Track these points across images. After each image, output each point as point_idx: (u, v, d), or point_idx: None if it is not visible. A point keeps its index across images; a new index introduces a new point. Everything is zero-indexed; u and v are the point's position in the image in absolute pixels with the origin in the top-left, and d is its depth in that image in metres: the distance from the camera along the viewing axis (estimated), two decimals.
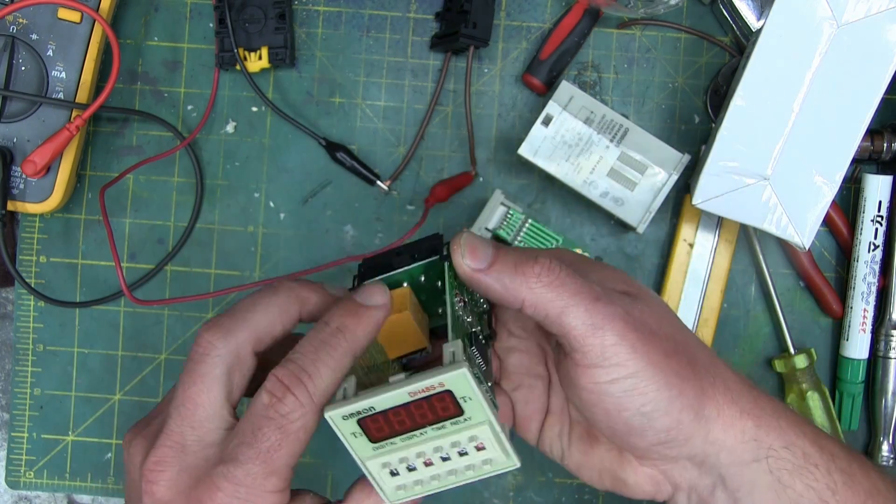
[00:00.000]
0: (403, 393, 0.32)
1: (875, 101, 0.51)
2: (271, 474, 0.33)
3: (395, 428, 0.33)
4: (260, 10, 0.57)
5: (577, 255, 0.39)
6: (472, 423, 0.33)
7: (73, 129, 0.53)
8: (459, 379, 0.32)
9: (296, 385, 0.33)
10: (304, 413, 0.33)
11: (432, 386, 0.32)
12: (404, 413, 0.32)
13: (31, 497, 0.61)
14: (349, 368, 0.34)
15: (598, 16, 0.57)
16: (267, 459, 0.33)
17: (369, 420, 0.33)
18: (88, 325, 0.59)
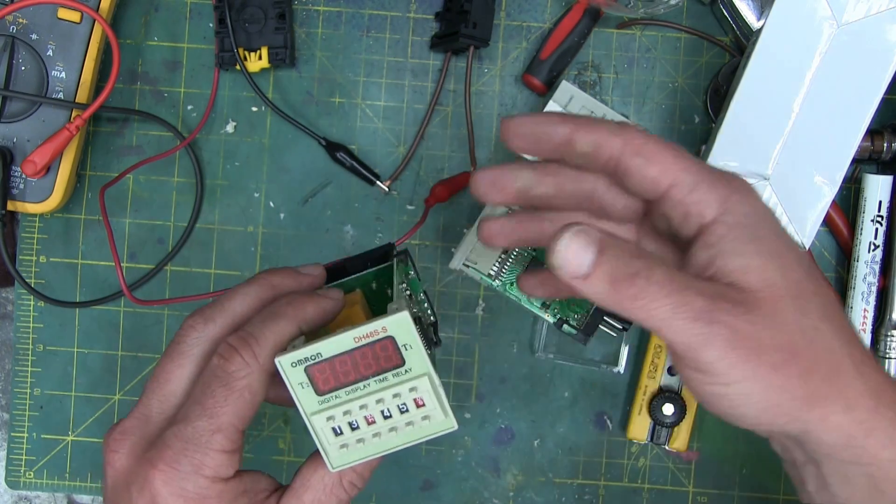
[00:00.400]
0: (348, 338, 0.34)
1: (875, 101, 0.51)
2: (217, 431, 0.35)
3: (339, 379, 0.34)
4: (260, 10, 0.57)
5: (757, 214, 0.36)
6: (412, 375, 0.35)
7: (73, 129, 0.53)
8: (402, 323, 0.34)
9: (242, 346, 0.35)
10: (250, 372, 0.35)
11: (376, 331, 0.34)
12: (349, 362, 0.34)
13: (31, 497, 0.61)
14: (294, 336, 0.37)
15: (598, 16, 0.57)
16: (213, 415, 0.35)
17: (316, 369, 0.34)
18: (88, 325, 0.59)
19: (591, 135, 0.36)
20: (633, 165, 0.36)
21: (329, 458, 0.36)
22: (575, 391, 0.59)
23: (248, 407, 0.35)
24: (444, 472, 0.59)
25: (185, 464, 0.35)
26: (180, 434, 0.35)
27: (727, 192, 0.35)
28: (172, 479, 0.35)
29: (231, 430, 0.35)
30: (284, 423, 0.59)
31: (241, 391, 0.35)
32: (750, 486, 0.59)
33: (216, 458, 0.35)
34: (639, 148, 0.35)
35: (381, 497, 0.59)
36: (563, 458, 0.59)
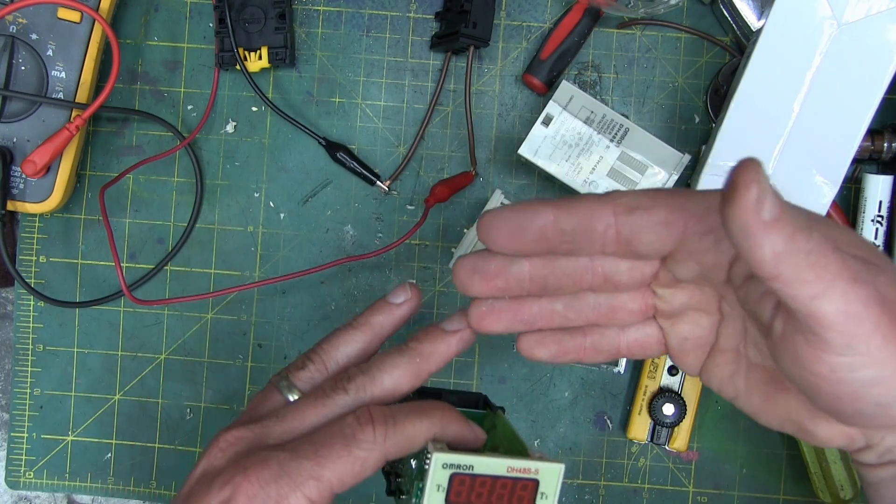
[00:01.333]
0: (503, 465, 0.34)
1: (875, 101, 0.51)
2: (315, 479, 0.34)
3: (472, 498, 0.35)
4: (260, 10, 0.57)
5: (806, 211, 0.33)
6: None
7: (73, 129, 0.53)
8: (553, 473, 0.35)
9: (380, 424, 0.35)
10: (373, 449, 0.35)
11: (528, 469, 0.34)
12: (488, 487, 0.34)
13: (31, 497, 0.61)
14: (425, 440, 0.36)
15: (598, 16, 0.57)
16: (320, 463, 0.34)
17: (458, 479, 0.34)
18: (88, 325, 0.59)
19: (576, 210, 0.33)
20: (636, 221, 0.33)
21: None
22: (575, 391, 0.59)
23: (351, 476, 0.35)
24: None
25: (273, 491, 0.34)
26: (283, 462, 0.35)
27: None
28: (254, 496, 0.34)
29: (326, 485, 0.35)
30: None
31: (356, 461, 0.35)
32: (750, 486, 0.59)
33: (300, 500, 0.34)
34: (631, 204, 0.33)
35: (382, 497, 0.59)
36: (563, 458, 0.59)
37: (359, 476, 0.35)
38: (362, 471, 0.35)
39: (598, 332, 0.38)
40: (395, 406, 0.37)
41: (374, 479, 0.61)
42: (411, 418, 0.36)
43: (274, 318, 0.59)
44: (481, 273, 0.36)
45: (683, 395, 0.57)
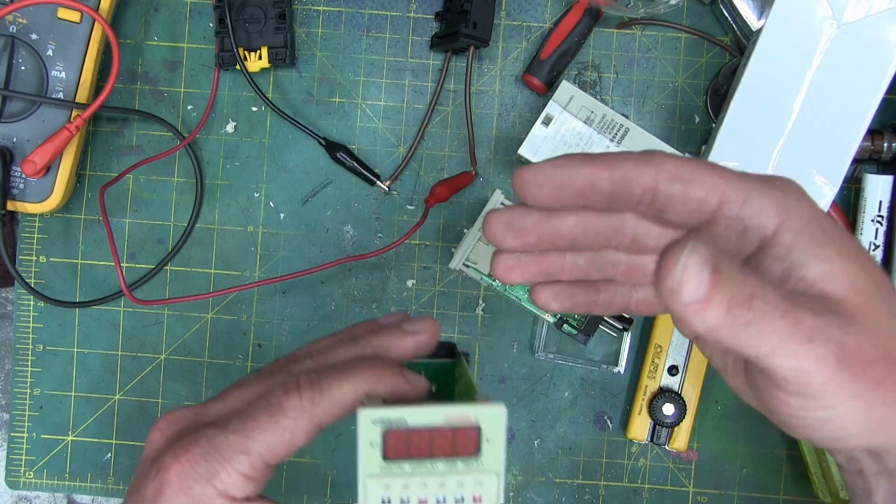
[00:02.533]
0: (438, 414, 0.33)
1: (875, 101, 0.51)
2: (244, 453, 0.34)
3: (411, 451, 0.33)
4: (260, 9, 0.57)
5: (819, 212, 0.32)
6: (482, 469, 0.33)
7: (73, 129, 0.53)
8: (495, 416, 0.33)
9: (306, 389, 0.35)
10: (300, 416, 0.35)
11: (467, 416, 0.33)
12: (427, 438, 0.33)
13: (31, 497, 0.61)
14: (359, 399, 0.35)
15: (598, 16, 0.57)
16: (247, 436, 0.35)
17: (393, 434, 0.33)
18: (88, 325, 0.59)
19: (617, 171, 0.32)
20: (674, 192, 0.32)
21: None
22: (575, 391, 0.59)
23: (282, 445, 0.35)
24: None
25: (203, 469, 0.35)
26: (212, 438, 0.35)
27: (782, 196, 0.32)
28: (185, 476, 0.35)
29: (257, 458, 0.35)
30: None
31: (284, 430, 0.35)
32: (750, 486, 0.59)
33: (232, 475, 0.35)
34: (674, 173, 0.32)
35: None
36: (563, 458, 0.59)
37: (290, 445, 0.35)
38: (293, 440, 0.35)
39: (612, 288, 0.38)
40: (326, 368, 0.36)
41: None
42: (338, 380, 0.35)
43: (274, 318, 0.59)
44: (516, 229, 0.36)
45: (683, 395, 0.57)
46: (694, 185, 0.32)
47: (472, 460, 0.33)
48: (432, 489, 0.33)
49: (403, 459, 0.33)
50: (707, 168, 0.32)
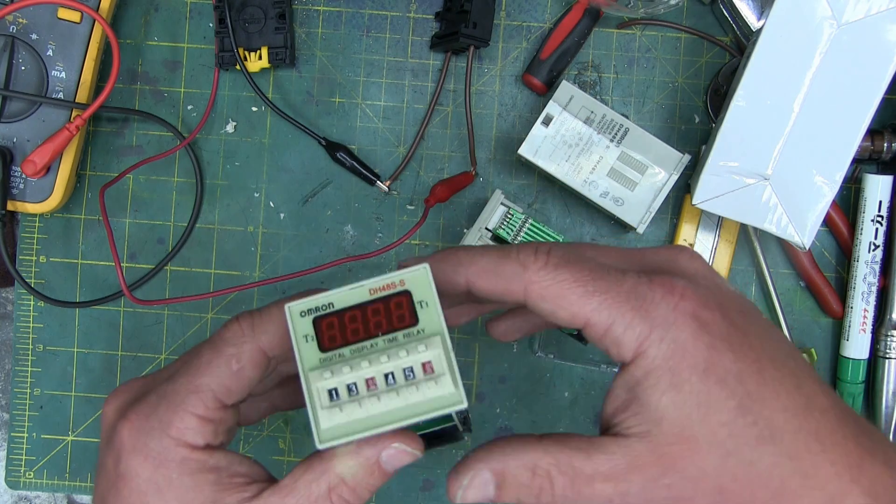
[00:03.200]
0: (364, 289, 0.32)
1: (875, 101, 0.51)
2: (193, 392, 0.33)
3: (347, 337, 0.32)
4: (260, 10, 0.57)
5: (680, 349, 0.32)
6: (424, 335, 0.32)
7: (73, 129, 0.53)
8: (421, 277, 0.32)
9: (244, 318, 0.34)
10: (243, 342, 0.34)
11: (392, 283, 0.32)
12: (360, 318, 0.32)
13: (31, 497, 0.61)
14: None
15: (598, 16, 0.57)
16: (194, 375, 0.33)
17: (325, 322, 0.32)
18: (88, 325, 0.59)
19: (489, 284, 0.34)
20: (544, 310, 0.34)
21: (318, 425, 0.32)
22: (575, 391, 0.59)
23: (232, 378, 0.34)
24: (445, 472, 0.59)
25: (154, 420, 0.33)
26: (160, 391, 0.34)
27: (645, 330, 0.32)
28: (138, 433, 0.33)
29: (208, 394, 0.33)
30: (284, 423, 0.59)
31: (228, 358, 0.34)
32: None
33: (186, 419, 0.33)
34: (542, 292, 0.33)
35: (381, 497, 0.59)
36: None
37: (241, 377, 0.34)
38: (241, 370, 0.34)
39: None
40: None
41: None
42: (275, 304, 0.35)
43: None
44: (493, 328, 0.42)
45: None
46: (560, 309, 0.33)
47: (411, 330, 0.32)
48: (377, 367, 0.32)
49: (341, 346, 0.32)
50: (578, 289, 0.32)
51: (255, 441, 0.59)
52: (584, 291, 0.33)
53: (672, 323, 0.32)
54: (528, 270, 0.33)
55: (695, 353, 0.32)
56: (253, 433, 0.59)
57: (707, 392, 0.32)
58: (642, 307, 0.32)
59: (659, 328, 0.32)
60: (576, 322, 0.33)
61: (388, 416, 0.32)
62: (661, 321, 0.32)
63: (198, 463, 0.33)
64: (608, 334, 0.32)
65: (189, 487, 0.33)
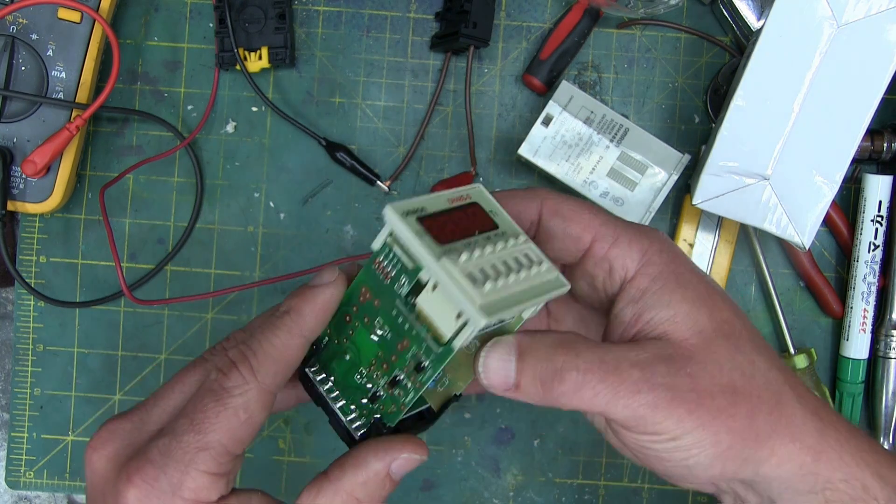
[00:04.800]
0: (443, 199, 0.34)
1: (875, 101, 0.51)
2: (203, 449, 0.31)
3: (450, 231, 0.32)
4: (260, 10, 0.57)
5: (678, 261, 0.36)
6: (510, 235, 0.33)
7: (73, 129, 0.53)
8: (480, 192, 0.35)
9: (241, 361, 0.33)
10: (247, 389, 0.32)
11: (462, 196, 0.34)
12: (451, 222, 0.33)
13: (31, 497, 0.61)
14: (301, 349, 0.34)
15: (598, 16, 0.57)
16: (201, 431, 0.31)
17: (428, 222, 0.32)
18: (88, 325, 0.59)
19: (507, 206, 0.37)
20: (555, 226, 0.36)
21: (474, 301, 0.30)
22: None
23: (242, 428, 0.32)
24: (444, 472, 0.59)
25: (164, 482, 0.31)
26: (164, 449, 0.32)
27: (647, 243, 0.35)
28: (147, 498, 0.31)
29: (219, 450, 0.32)
30: (284, 423, 0.59)
31: (236, 409, 0.32)
32: None
33: (198, 479, 0.31)
34: (555, 209, 0.36)
35: None
36: (563, 458, 0.59)
37: (250, 424, 0.32)
38: (249, 417, 0.32)
39: None
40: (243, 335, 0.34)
41: None
42: (268, 335, 0.33)
43: None
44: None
45: None
46: (572, 222, 0.36)
47: (496, 232, 0.33)
48: (497, 255, 0.32)
49: (453, 241, 0.32)
50: (587, 209, 0.36)
51: (255, 441, 0.59)
52: (593, 210, 0.36)
53: (666, 242, 0.36)
54: (539, 192, 0.37)
55: (689, 263, 0.36)
56: None
57: (708, 292, 0.35)
58: (640, 230, 0.36)
59: (657, 242, 0.36)
60: (583, 237, 0.36)
61: (522, 295, 0.32)
62: (657, 240, 0.36)
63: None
64: (614, 247, 0.35)
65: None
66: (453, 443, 0.59)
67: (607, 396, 0.32)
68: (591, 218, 0.36)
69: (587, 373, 0.32)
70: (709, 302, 0.35)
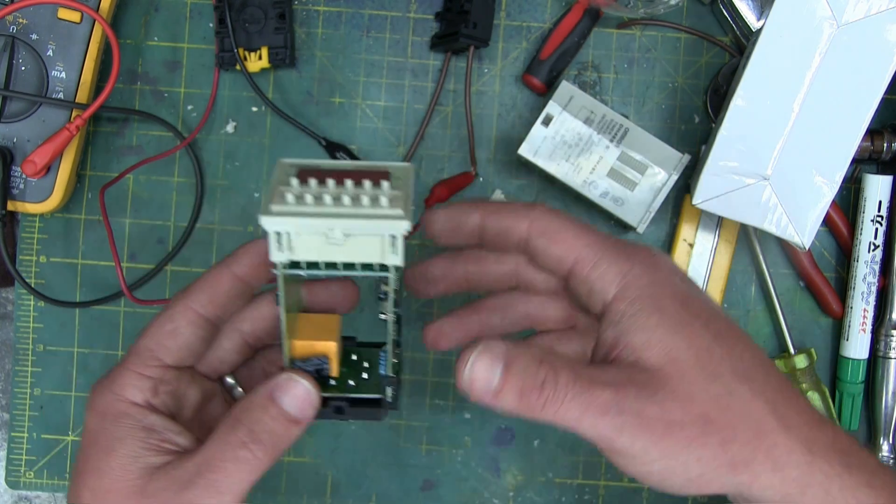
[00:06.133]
0: (350, 164, 0.37)
1: (875, 101, 0.51)
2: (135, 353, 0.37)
3: (325, 175, 0.35)
4: (260, 10, 0.57)
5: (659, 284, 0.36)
6: (390, 186, 0.34)
7: (73, 129, 0.53)
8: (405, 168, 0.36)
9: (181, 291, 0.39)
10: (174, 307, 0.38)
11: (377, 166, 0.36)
12: (340, 174, 0.35)
13: (31, 497, 0.61)
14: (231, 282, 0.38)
15: (598, 16, 0.57)
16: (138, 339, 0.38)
17: (306, 171, 0.35)
18: (88, 325, 0.59)
19: (499, 220, 0.38)
20: (539, 246, 0.37)
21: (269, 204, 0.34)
22: None
23: (168, 336, 0.37)
24: (444, 472, 0.59)
25: (105, 379, 0.37)
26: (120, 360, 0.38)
27: (627, 267, 0.36)
28: (94, 392, 0.37)
29: (146, 353, 0.37)
30: None
31: (164, 321, 0.37)
32: None
33: (125, 375, 0.36)
34: (543, 228, 0.37)
35: (381, 497, 0.59)
36: (563, 458, 0.59)
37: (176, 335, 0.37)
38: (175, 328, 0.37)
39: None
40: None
41: (375, 479, 0.61)
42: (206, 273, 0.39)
43: None
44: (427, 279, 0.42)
45: None
46: (555, 243, 0.37)
47: (383, 182, 0.34)
48: (341, 188, 0.34)
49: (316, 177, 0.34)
50: (572, 229, 0.37)
51: None
52: (578, 232, 0.37)
53: (650, 264, 0.36)
54: (534, 209, 0.38)
55: (672, 286, 0.36)
56: None
57: (687, 319, 0.35)
58: (625, 251, 0.36)
59: (639, 266, 0.36)
60: (566, 259, 0.37)
61: (335, 214, 0.33)
62: (640, 261, 0.36)
63: (132, 419, 0.36)
64: (595, 269, 0.36)
65: (117, 439, 0.35)
66: (453, 443, 0.59)
67: (576, 413, 0.33)
68: (575, 239, 0.37)
69: (561, 389, 0.33)
70: (687, 329, 0.35)
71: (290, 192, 0.34)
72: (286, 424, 0.35)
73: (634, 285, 0.35)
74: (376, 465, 0.59)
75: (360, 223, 0.33)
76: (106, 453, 0.35)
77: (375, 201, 0.34)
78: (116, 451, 0.35)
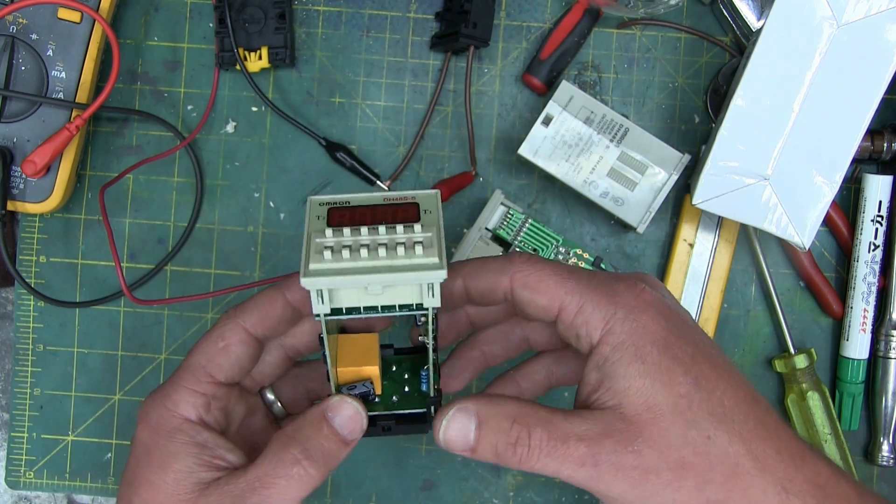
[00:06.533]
0: (379, 196, 0.37)
1: (875, 101, 0.51)
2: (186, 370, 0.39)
3: (355, 220, 0.36)
4: (260, 10, 0.57)
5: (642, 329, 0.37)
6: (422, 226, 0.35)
7: (73, 129, 0.53)
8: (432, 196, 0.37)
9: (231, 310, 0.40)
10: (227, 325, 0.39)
11: (405, 197, 0.37)
12: (370, 213, 0.36)
13: (31, 497, 0.61)
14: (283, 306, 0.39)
15: (598, 16, 0.57)
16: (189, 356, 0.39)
17: (337, 211, 0.36)
18: (88, 325, 0.59)
19: (480, 282, 0.39)
20: (523, 298, 0.38)
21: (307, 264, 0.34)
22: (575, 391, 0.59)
23: (219, 354, 0.38)
24: (444, 472, 0.59)
25: (159, 394, 0.38)
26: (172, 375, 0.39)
27: (611, 312, 0.36)
28: (146, 406, 0.38)
29: (199, 370, 0.38)
30: None
31: (216, 339, 0.38)
32: None
33: (178, 391, 0.37)
34: (524, 281, 0.38)
35: (381, 497, 0.59)
36: None
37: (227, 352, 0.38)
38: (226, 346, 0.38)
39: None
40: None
41: (376, 479, 0.61)
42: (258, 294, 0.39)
43: None
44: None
45: None
46: (538, 294, 0.37)
47: (413, 224, 0.35)
48: (374, 236, 0.35)
49: (347, 225, 0.35)
50: (555, 276, 0.37)
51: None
52: (560, 279, 0.37)
53: (634, 307, 0.36)
54: (513, 263, 0.38)
55: (654, 332, 0.36)
56: None
57: (667, 365, 0.35)
58: (609, 293, 0.37)
59: (623, 309, 0.36)
60: (551, 307, 0.37)
61: (372, 268, 0.34)
62: (624, 304, 0.36)
63: (186, 435, 0.37)
64: (579, 315, 0.36)
65: (171, 454, 0.36)
66: None
67: (553, 467, 0.35)
68: (557, 288, 0.37)
69: (535, 447, 0.35)
70: (666, 376, 0.35)
71: (326, 244, 0.34)
72: (338, 444, 0.37)
73: (616, 331, 0.36)
74: (376, 465, 0.59)
75: (398, 276, 0.34)
76: (160, 467, 0.36)
77: (410, 249, 0.34)
78: (170, 466, 0.36)
